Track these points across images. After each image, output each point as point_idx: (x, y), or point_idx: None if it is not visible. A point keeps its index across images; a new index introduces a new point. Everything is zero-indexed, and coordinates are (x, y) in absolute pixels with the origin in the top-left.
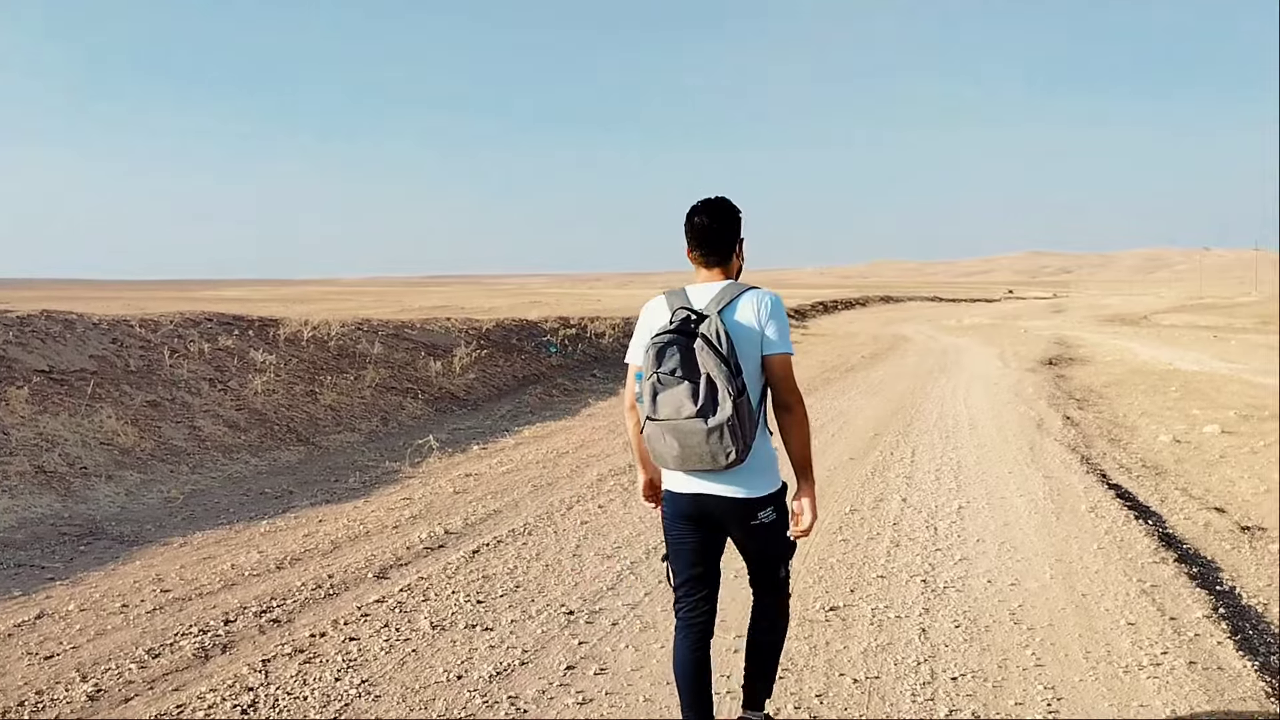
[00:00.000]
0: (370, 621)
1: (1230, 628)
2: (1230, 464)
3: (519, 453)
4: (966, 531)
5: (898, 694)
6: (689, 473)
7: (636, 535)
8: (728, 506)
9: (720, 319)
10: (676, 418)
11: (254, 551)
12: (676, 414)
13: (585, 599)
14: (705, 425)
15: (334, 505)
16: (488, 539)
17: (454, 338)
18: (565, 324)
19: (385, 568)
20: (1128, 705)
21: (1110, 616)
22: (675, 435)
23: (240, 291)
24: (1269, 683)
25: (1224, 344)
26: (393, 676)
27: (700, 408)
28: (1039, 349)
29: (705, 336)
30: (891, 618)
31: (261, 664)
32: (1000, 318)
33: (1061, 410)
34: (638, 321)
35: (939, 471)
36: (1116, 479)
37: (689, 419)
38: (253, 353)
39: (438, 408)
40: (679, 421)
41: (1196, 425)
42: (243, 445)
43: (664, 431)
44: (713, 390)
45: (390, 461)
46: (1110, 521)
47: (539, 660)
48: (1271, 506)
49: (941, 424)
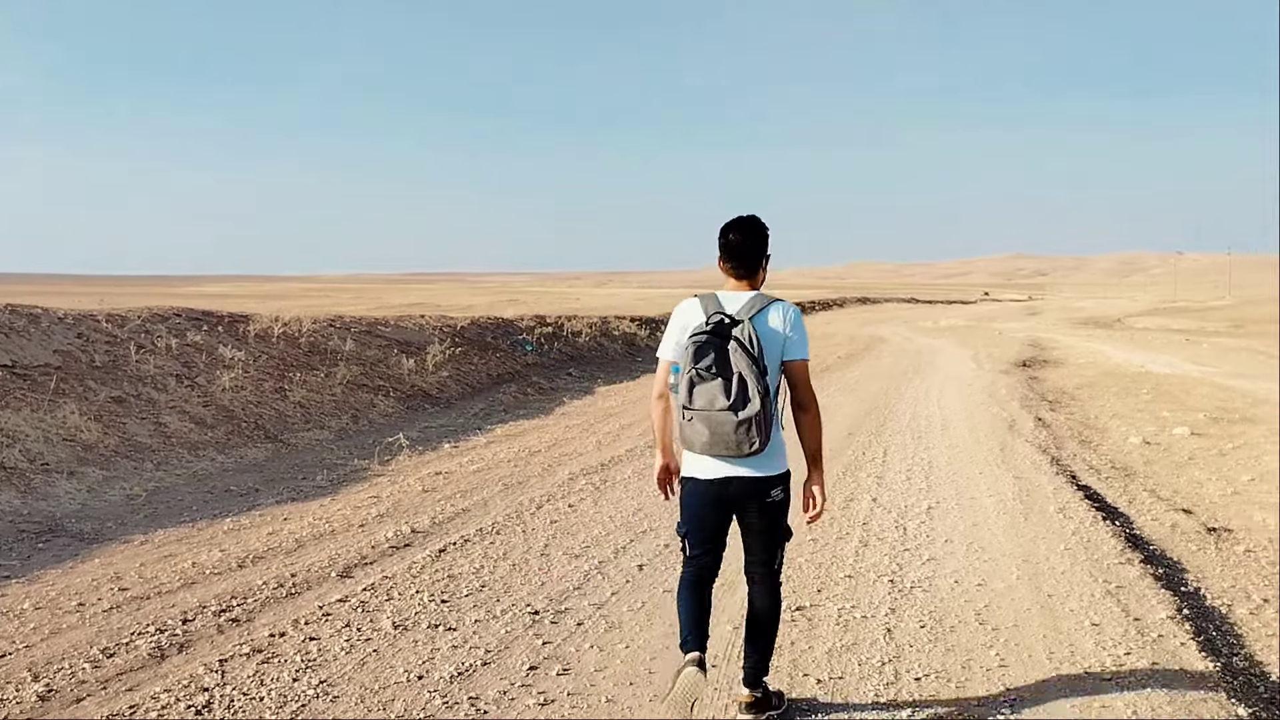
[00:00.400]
0: (331, 621)
1: (1194, 629)
2: (1199, 466)
3: (490, 451)
4: (935, 532)
5: (861, 694)
6: (714, 457)
7: (605, 535)
8: (747, 485)
9: (751, 325)
10: (710, 409)
11: (216, 550)
12: (710, 405)
13: (551, 599)
14: (736, 417)
15: (300, 503)
16: (455, 538)
17: (428, 335)
18: (542, 322)
19: (349, 567)
20: (1089, 707)
21: (1075, 617)
22: (707, 424)
23: (221, 288)
24: (1230, 684)
25: (1196, 347)
26: (352, 677)
27: (733, 402)
28: (1013, 351)
29: (739, 340)
30: (858, 618)
31: (218, 664)
32: (976, 319)
33: (1033, 412)
34: (670, 319)
35: (910, 471)
36: (1086, 480)
37: (721, 411)
38: (221, 349)
39: (409, 405)
40: (712, 413)
41: (1166, 427)
42: (209, 442)
43: (697, 420)
44: (744, 387)
45: (359, 459)
46: (1078, 522)
47: (501, 660)
48: (1238, 509)
49: (914, 424)
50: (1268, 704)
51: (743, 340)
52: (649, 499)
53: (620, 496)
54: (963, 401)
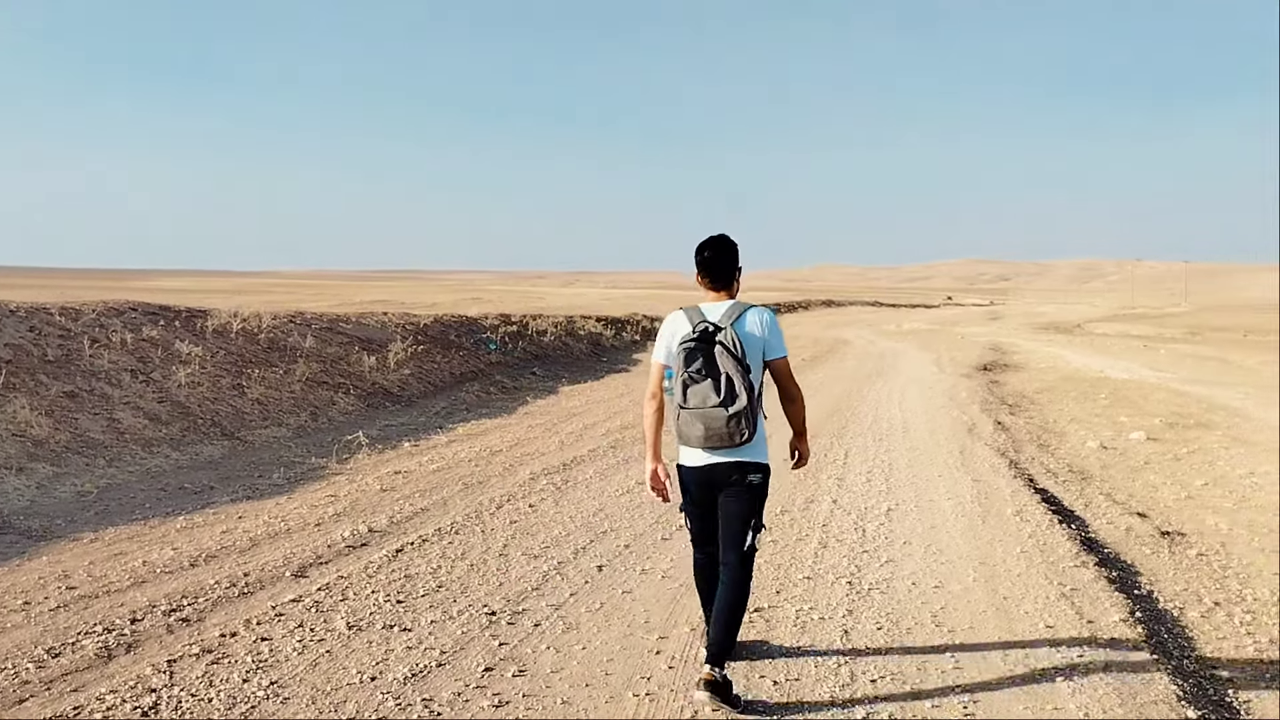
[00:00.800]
0: (284, 621)
1: (1146, 631)
2: (1154, 470)
3: (451, 450)
4: (894, 534)
5: (816, 695)
6: (707, 448)
7: (565, 535)
8: (732, 469)
9: (733, 330)
10: (703, 406)
11: (168, 548)
12: (703, 404)
13: (509, 599)
14: (726, 412)
15: (255, 501)
16: (412, 538)
17: (390, 333)
18: (506, 321)
19: (304, 566)
20: (1042, 708)
21: (1030, 620)
22: (702, 420)
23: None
24: (1180, 686)
25: (1153, 353)
26: (303, 678)
27: (723, 399)
28: (975, 355)
29: (724, 344)
30: (815, 619)
31: (166, 664)
32: (939, 323)
33: (993, 415)
34: (660, 329)
35: (870, 474)
36: (1043, 483)
37: (714, 407)
38: (178, 344)
39: (370, 403)
40: (705, 409)
41: (1123, 432)
42: (163, 439)
43: (693, 417)
44: (731, 385)
45: (317, 458)
46: (1035, 525)
47: (457, 662)
48: (1192, 513)
49: (876, 427)
50: (1217, 705)
51: (726, 344)
52: (610, 499)
53: (582, 497)
54: (924, 404)
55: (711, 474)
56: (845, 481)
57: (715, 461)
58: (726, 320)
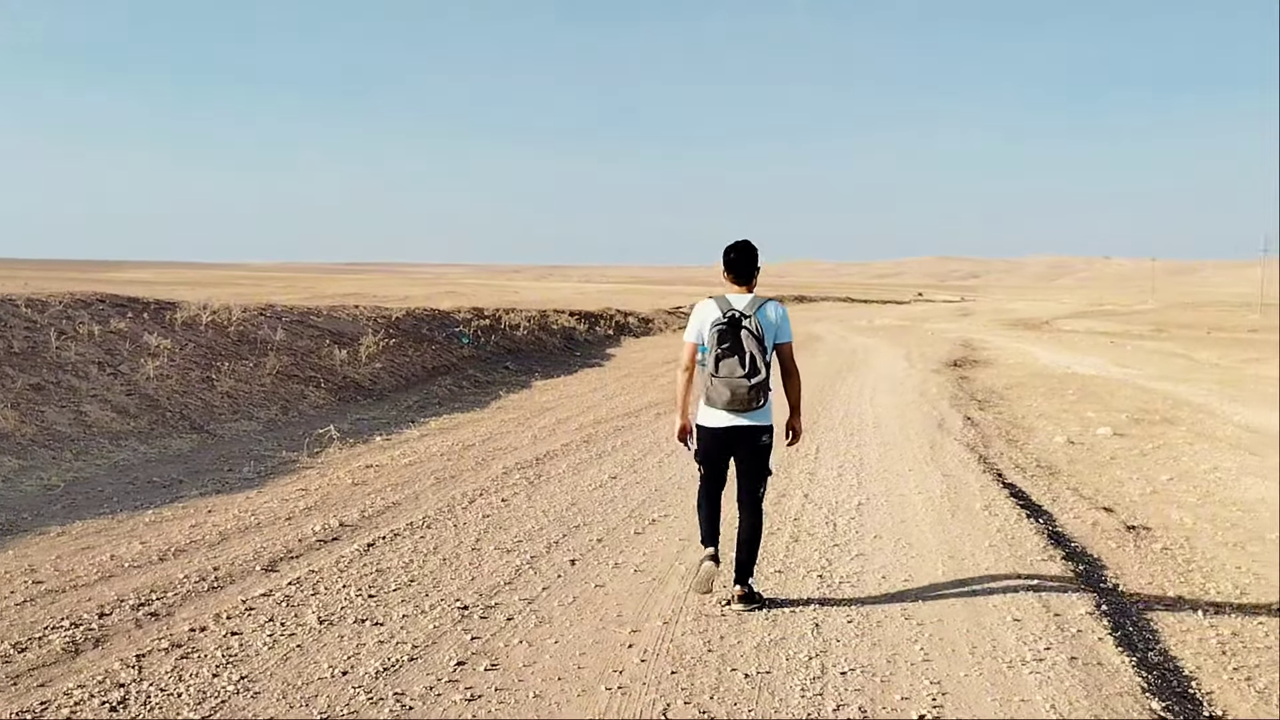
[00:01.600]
0: (254, 616)
1: (1111, 624)
2: (1120, 465)
3: (423, 444)
4: (865, 528)
5: (787, 689)
6: (729, 410)
7: (539, 529)
8: (744, 431)
9: (756, 318)
10: (731, 376)
11: (136, 542)
12: (731, 374)
13: (481, 594)
14: (750, 382)
15: (225, 495)
16: (384, 532)
17: (361, 326)
18: (479, 315)
19: (274, 560)
20: (1010, 700)
21: (998, 612)
22: (729, 387)
23: (145, 273)
24: (1145, 678)
25: (1120, 350)
26: (274, 673)
27: (747, 372)
28: (944, 351)
29: (748, 329)
30: (786, 612)
31: (135, 659)
32: (909, 319)
33: (963, 411)
34: (692, 314)
35: (842, 468)
36: (1012, 478)
37: (739, 378)
38: (146, 336)
39: (341, 397)
40: (733, 379)
41: (1090, 427)
42: (131, 432)
43: (723, 384)
44: (754, 361)
45: (288, 451)
46: (1003, 519)
47: (429, 656)
48: (1157, 507)
49: (847, 422)
50: (1180, 698)
51: (750, 329)
52: (583, 494)
53: (555, 491)
54: (894, 400)
55: (729, 435)
56: (817, 476)
57: (733, 424)
58: (750, 309)
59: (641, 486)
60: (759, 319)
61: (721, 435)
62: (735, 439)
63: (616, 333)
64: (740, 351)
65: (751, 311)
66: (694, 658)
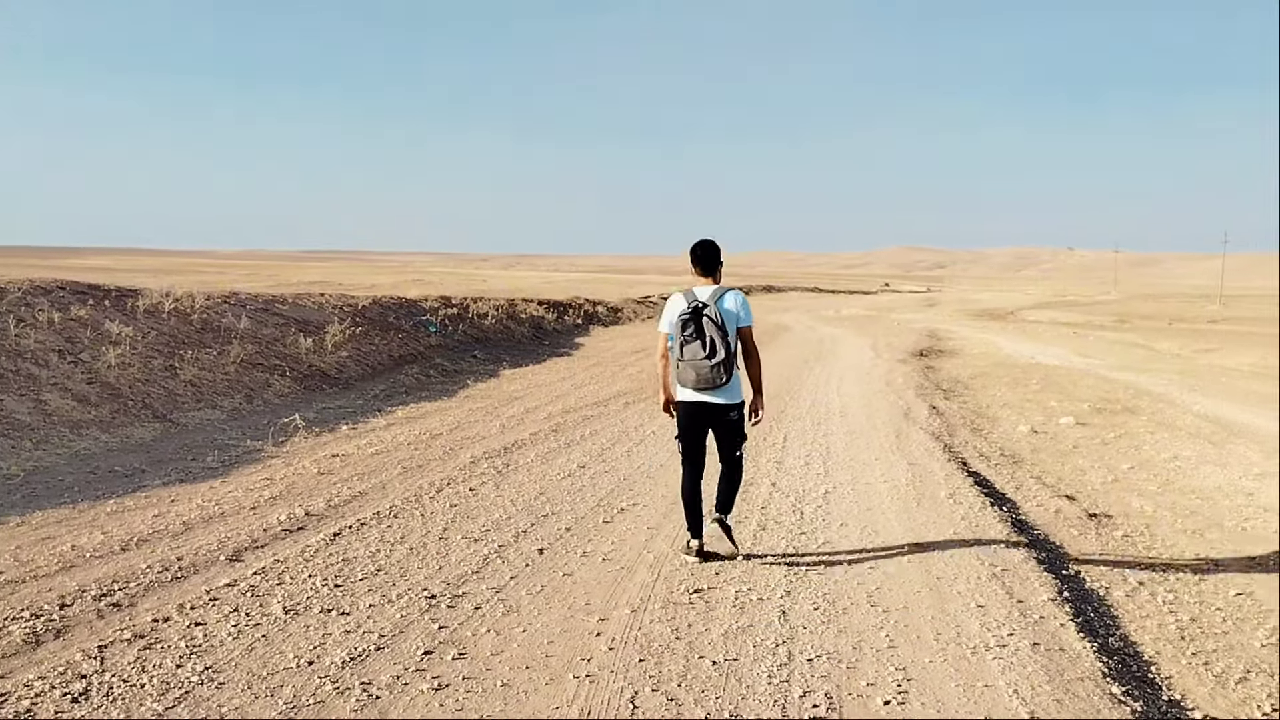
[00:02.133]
0: (219, 606)
1: (1073, 610)
2: (1082, 454)
3: (390, 434)
4: (831, 516)
5: (754, 675)
6: (697, 390)
7: (506, 519)
8: (716, 408)
9: (716, 306)
10: (694, 359)
11: (97, 532)
12: (694, 357)
13: (449, 583)
14: (710, 362)
15: (188, 485)
16: (350, 521)
17: (327, 314)
18: (447, 303)
19: (239, 550)
20: (973, 685)
21: (962, 599)
22: (693, 368)
23: (106, 260)
24: (1106, 663)
25: (1083, 340)
26: (239, 663)
27: (708, 353)
28: (911, 341)
29: (709, 316)
30: (754, 600)
31: (97, 650)
32: (876, 310)
33: (928, 400)
34: (665, 306)
35: (809, 457)
36: (976, 467)
37: (701, 360)
38: (108, 324)
39: (306, 386)
40: (695, 361)
41: (1053, 417)
42: (92, 421)
43: (687, 366)
44: (713, 344)
45: (253, 440)
46: (967, 507)
47: (396, 645)
48: (1118, 496)
49: (814, 411)
50: (1139, 682)
51: (711, 316)
52: (552, 483)
53: (523, 480)
54: (861, 389)
55: (700, 409)
56: (784, 465)
57: (702, 400)
58: (711, 299)
59: (610, 475)
60: (718, 307)
61: (694, 410)
62: (708, 415)
63: (585, 322)
64: (702, 336)
65: (713, 301)
66: (662, 645)
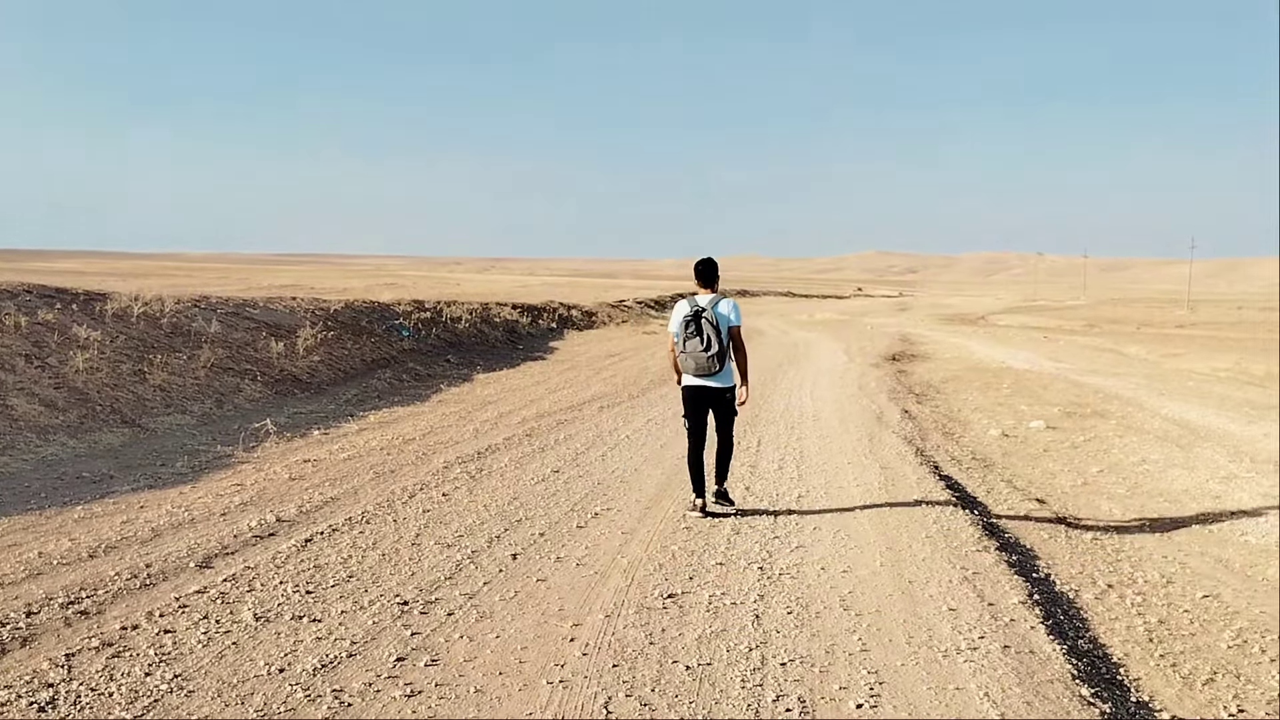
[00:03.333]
0: (188, 613)
1: (1043, 613)
2: (1052, 458)
3: (362, 439)
4: (805, 520)
5: (728, 680)
6: (697, 376)
7: (480, 524)
8: (711, 391)
9: (712, 310)
10: (694, 352)
11: (65, 539)
12: (694, 350)
13: (421, 589)
14: (706, 354)
15: (158, 490)
16: (322, 527)
17: (299, 318)
18: (420, 307)
19: (209, 556)
20: (945, 688)
21: (934, 603)
22: (693, 359)
23: (73, 263)
24: (1075, 665)
25: (1053, 344)
26: (209, 670)
27: (705, 347)
28: (883, 345)
29: (707, 319)
30: (727, 604)
31: (65, 658)
32: (849, 314)
33: (901, 404)
34: (673, 311)
35: (782, 461)
36: (948, 470)
37: (700, 352)
38: (76, 328)
39: (278, 390)
40: (695, 354)
41: (1024, 421)
42: (60, 426)
43: (689, 357)
44: (709, 340)
45: (223, 445)
46: (939, 511)
47: (368, 652)
48: (1087, 499)
49: (788, 415)
50: (1108, 684)
51: (709, 319)
52: (525, 488)
53: (496, 485)
54: (834, 393)
55: (700, 392)
56: (758, 469)
57: (701, 384)
58: (709, 305)
59: (584, 480)
60: (715, 312)
61: (695, 392)
62: (706, 396)
63: (560, 326)
64: (700, 334)
65: (710, 306)
66: (635, 650)
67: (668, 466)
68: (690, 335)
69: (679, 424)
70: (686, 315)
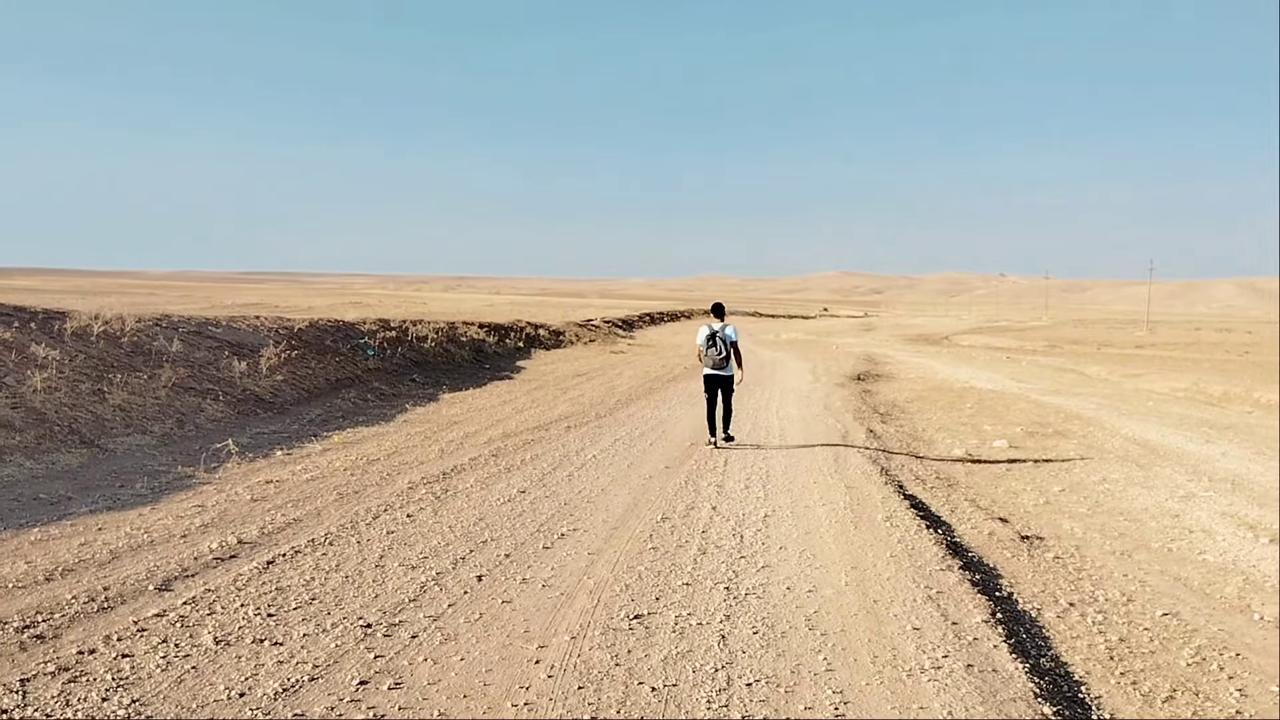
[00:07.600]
0: (147, 637)
1: (1006, 631)
2: (1015, 477)
3: (326, 459)
4: (770, 539)
5: (694, 701)
6: (712, 368)
7: (445, 546)
8: (722, 377)
9: (723, 331)
10: (713, 356)
11: (20, 562)
12: (712, 354)
13: (385, 611)
14: (719, 356)
15: (117, 512)
16: (285, 549)
17: (262, 337)
18: (385, 326)
19: (169, 579)
20: (908, 708)
21: (898, 622)
22: (711, 360)
23: (30, 281)
24: (1037, 683)
25: (1016, 365)
26: (167, 695)
27: (718, 352)
28: (849, 365)
29: (721, 337)
30: (693, 625)
31: (19, 684)
32: (815, 334)
33: (866, 424)
34: (699, 331)
35: (749, 481)
36: (912, 490)
37: (716, 356)
38: (34, 347)
39: (240, 410)
40: (713, 357)
41: (987, 440)
42: (16, 447)
43: (709, 357)
44: (724, 351)
45: (184, 466)
46: (903, 530)
47: (330, 675)
48: (1049, 518)
49: (754, 434)
50: (1070, 702)
51: (721, 336)
52: (491, 508)
53: (462, 506)
54: (800, 413)
55: (714, 378)
56: (725, 489)
57: (715, 373)
58: (720, 329)
59: (550, 501)
60: (724, 332)
61: (711, 378)
62: (718, 380)
63: (527, 345)
64: (716, 345)
65: (721, 329)
66: (601, 672)
67: (634, 486)
68: (709, 345)
69: (646, 444)
70: (707, 334)
